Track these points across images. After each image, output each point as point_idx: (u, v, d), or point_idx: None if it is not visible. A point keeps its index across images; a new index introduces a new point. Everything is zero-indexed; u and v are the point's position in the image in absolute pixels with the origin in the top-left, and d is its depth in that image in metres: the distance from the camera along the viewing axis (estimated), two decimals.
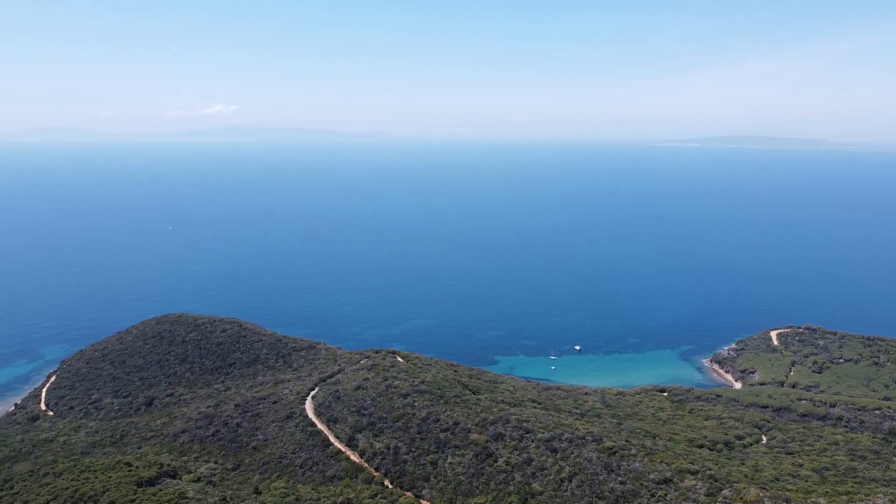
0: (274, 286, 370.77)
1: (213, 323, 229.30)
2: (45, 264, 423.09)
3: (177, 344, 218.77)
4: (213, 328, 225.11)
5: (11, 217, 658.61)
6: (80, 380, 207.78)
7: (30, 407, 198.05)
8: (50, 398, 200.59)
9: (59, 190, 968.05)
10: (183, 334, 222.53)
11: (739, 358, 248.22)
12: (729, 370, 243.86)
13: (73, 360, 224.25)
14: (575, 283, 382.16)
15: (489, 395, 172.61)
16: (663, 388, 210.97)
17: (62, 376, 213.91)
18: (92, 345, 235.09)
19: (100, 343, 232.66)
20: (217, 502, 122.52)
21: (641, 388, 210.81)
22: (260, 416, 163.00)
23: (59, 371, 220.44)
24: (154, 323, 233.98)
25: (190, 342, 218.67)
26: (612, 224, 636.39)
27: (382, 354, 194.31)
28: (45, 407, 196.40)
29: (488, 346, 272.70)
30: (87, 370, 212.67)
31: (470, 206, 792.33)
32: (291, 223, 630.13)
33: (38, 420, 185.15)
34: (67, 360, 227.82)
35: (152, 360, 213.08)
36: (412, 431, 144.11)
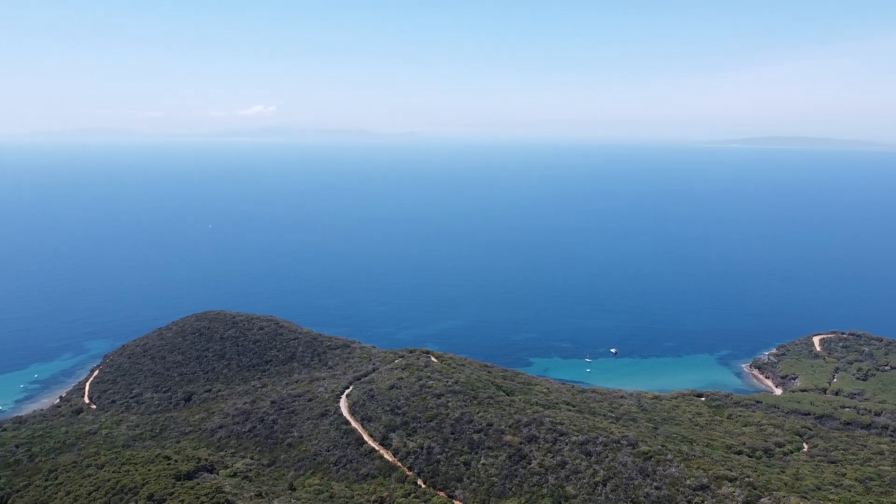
0: (310, 285, 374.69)
1: (251, 320, 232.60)
2: (91, 262, 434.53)
3: (215, 341, 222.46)
4: (251, 326, 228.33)
5: (62, 215, 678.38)
6: (121, 374, 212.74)
7: (74, 400, 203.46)
8: (93, 392, 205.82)
9: (108, 189, 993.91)
10: (221, 331, 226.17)
11: (780, 363, 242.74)
12: (769, 376, 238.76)
13: (116, 355, 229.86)
14: (611, 286, 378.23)
15: (523, 396, 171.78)
16: (701, 392, 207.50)
17: (105, 371, 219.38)
18: (134, 340, 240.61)
19: (141, 339, 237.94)
20: (253, 497, 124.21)
21: (678, 393, 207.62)
22: (295, 413, 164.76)
23: (102, 365, 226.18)
24: (193, 320, 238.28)
25: (228, 339, 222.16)
26: (649, 226, 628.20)
27: (416, 354, 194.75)
28: (88, 400, 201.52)
29: (522, 347, 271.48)
30: (128, 365, 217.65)
31: (505, 206, 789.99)
32: (328, 223, 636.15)
33: (82, 413, 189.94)
34: (110, 355, 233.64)
35: (191, 356, 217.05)
36: (445, 431, 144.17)
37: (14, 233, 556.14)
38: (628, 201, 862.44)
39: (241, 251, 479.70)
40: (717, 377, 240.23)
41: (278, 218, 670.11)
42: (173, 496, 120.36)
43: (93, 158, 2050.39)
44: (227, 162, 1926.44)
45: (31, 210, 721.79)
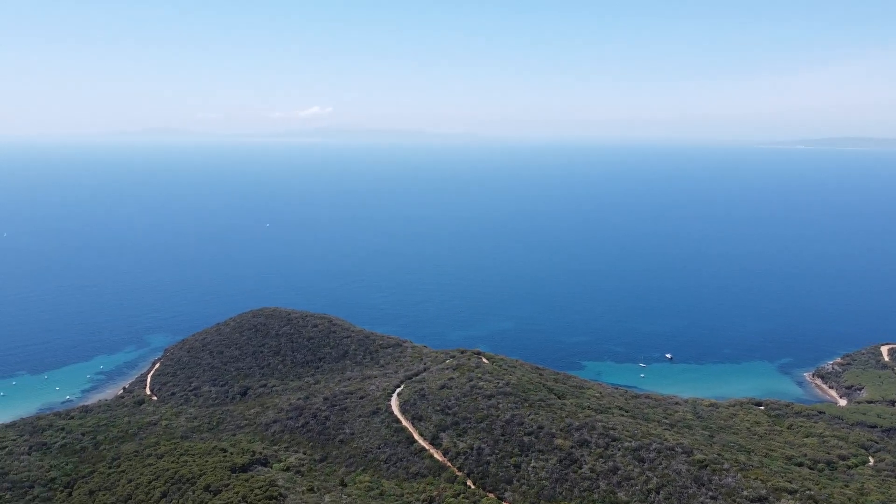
0: (364, 284, 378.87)
1: (305, 318, 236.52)
2: (155, 258, 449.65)
3: (271, 337, 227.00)
4: (305, 323, 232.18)
5: (129, 213, 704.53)
6: (181, 368, 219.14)
7: (136, 391, 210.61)
8: (154, 384, 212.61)
9: (172, 189, 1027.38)
10: (277, 328, 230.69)
11: (845, 373, 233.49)
12: (833, 386, 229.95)
13: (176, 349, 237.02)
14: (668, 289, 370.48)
15: (575, 400, 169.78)
16: (760, 401, 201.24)
17: (166, 364, 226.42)
18: (193, 335, 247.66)
19: (200, 333, 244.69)
20: (305, 492, 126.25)
21: (736, 401, 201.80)
22: (347, 410, 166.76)
23: (163, 359, 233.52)
24: (250, 316, 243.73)
25: (283, 336, 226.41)
26: (708, 228, 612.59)
27: (468, 355, 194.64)
28: (149, 392, 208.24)
29: (575, 350, 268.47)
30: (188, 359, 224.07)
31: (560, 207, 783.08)
32: (382, 222, 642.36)
33: (144, 404, 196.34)
34: (171, 349, 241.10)
35: (248, 351, 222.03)
36: (496, 433, 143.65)
37: (83, 228, 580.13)
38: (687, 203, 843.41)
39: (297, 249, 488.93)
40: (778, 386, 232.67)
41: (334, 217, 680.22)
42: (228, 488, 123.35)
43: (158, 158, 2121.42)
44: (285, 162, 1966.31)
45: (100, 208, 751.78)
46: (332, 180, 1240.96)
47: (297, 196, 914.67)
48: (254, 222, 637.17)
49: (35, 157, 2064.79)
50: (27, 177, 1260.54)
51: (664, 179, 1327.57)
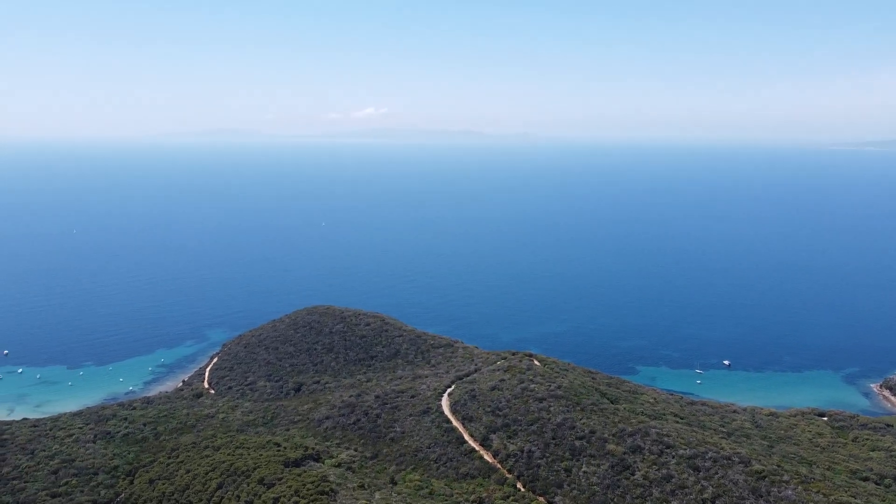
0: (417, 284, 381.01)
1: (358, 316, 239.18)
2: (215, 256, 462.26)
3: (324, 334, 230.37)
4: (358, 321, 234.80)
5: (190, 212, 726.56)
6: (238, 362, 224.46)
7: (195, 384, 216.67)
8: (212, 377, 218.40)
9: (232, 189, 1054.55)
10: (330, 325, 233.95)
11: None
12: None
13: (233, 344, 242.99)
14: (726, 294, 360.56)
15: (628, 405, 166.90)
16: (823, 412, 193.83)
17: (223, 358, 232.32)
18: (250, 330, 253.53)
19: (256, 329, 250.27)
20: (355, 488, 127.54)
21: (797, 411, 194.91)
22: (398, 408, 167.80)
23: (221, 353, 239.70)
24: (305, 313, 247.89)
25: (336, 333, 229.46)
26: (770, 232, 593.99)
27: (519, 356, 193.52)
28: (207, 385, 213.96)
29: (629, 354, 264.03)
30: (244, 354, 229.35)
31: (619, 210, 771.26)
32: (437, 223, 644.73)
33: (202, 397, 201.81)
34: (228, 344, 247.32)
35: (302, 348, 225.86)
36: (546, 436, 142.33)
37: (150, 226, 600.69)
38: (750, 206, 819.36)
39: (351, 249, 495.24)
40: (842, 396, 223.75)
41: (389, 217, 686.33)
42: (282, 481, 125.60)
43: (220, 159, 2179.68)
44: (340, 162, 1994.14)
45: (165, 206, 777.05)
46: (387, 181, 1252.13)
47: (352, 196, 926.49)
48: (310, 222, 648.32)
49: (104, 158, 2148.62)
50: (98, 176, 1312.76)
51: (722, 181, 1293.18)
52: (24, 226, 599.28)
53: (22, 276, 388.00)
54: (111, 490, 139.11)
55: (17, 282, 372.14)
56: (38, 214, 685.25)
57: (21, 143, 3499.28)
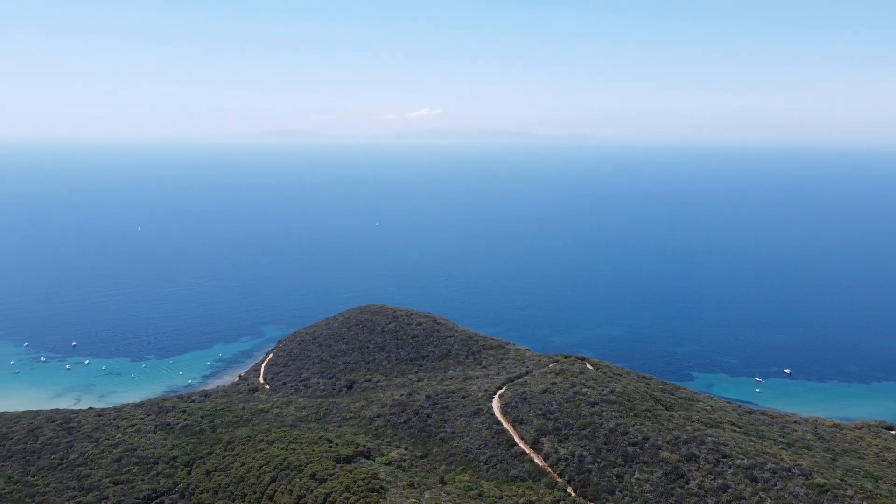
0: (469, 284, 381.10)
1: (410, 316, 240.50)
2: (272, 255, 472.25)
3: (377, 333, 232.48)
4: (410, 321, 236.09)
5: (248, 212, 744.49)
6: (292, 359, 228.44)
7: (251, 379, 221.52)
8: (267, 373, 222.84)
9: (292, 188, 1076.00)
10: (382, 324, 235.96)
11: None
12: None
13: (288, 341, 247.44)
14: (788, 299, 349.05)
15: (683, 412, 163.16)
16: (891, 425, 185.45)
17: (278, 354, 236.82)
18: (304, 328, 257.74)
19: (311, 327, 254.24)
20: (405, 487, 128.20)
21: (863, 423, 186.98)
22: (449, 409, 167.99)
23: (276, 349, 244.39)
24: (357, 312, 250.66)
25: (388, 332, 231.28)
26: (841, 238, 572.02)
27: (571, 360, 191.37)
28: (262, 380, 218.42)
29: (684, 360, 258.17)
30: (298, 350, 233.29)
31: (673, 212, 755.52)
32: (490, 223, 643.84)
33: (257, 392, 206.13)
34: (283, 340, 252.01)
35: (354, 346, 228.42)
36: (598, 441, 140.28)
37: (211, 226, 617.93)
38: (820, 210, 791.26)
39: (404, 249, 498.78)
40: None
41: (443, 218, 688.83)
42: (333, 477, 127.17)
43: (277, 159, 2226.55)
44: (394, 162, 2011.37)
45: (223, 206, 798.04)
46: (441, 181, 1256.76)
47: (406, 196, 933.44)
48: (364, 221, 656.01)
49: (168, 158, 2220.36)
50: (160, 175, 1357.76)
51: (797, 183, 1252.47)
52: (91, 223, 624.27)
53: (89, 271, 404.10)
54: (170, 479, 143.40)
55: (86, 277, 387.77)
56: (106, 212, 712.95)
57: (89, 144, 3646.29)
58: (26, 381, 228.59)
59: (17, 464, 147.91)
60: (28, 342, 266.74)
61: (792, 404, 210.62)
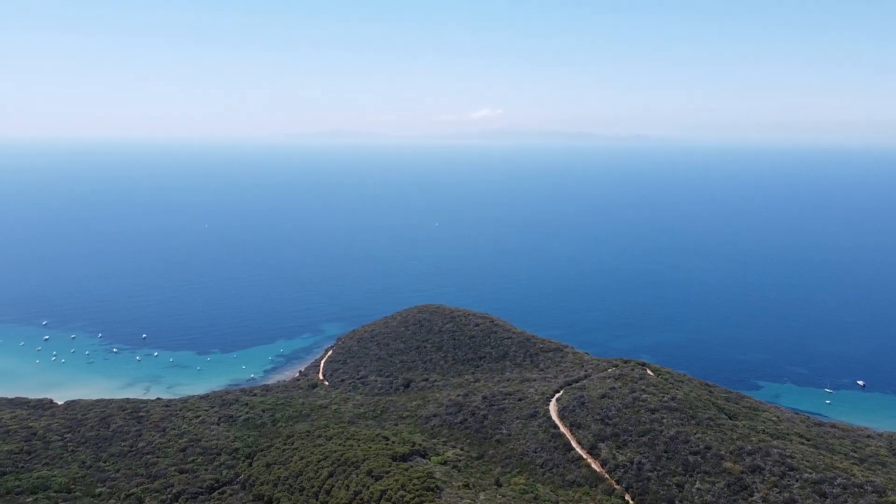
0: (527, 286, 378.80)
1: (468, 316, 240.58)
2: (335, 253, 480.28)
3: (434, 333, 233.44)
4: (468, 321, 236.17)
5: (309, 211, 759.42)
6: (351, 356, 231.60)
7: (311, 375, 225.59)
8: (326, 370, 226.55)
9: (348, 188, 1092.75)
10: (440, 324, 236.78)
11: None
12: None
13: (347, 339, 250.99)
14: (862, 308, 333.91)
15: (748, 422, 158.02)
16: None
17: (337, 351, 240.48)
18: (363, 326, 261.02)
19: (369, 325, 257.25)
20: (460, 487, 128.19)
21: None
22: (505, 410, 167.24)
23: (335, 347, 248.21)
24: (416, 311, 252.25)
25: (446, 332, 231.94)
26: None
27: (631, 365, 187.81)
28: (322, 377, 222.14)
29: (750, 368, 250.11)
30: (357, 348, 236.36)
31: (742, 216, 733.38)
32: (551, 226, 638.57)
33: (316, 387, 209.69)
34: (342, 338, 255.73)
35: (412, 345, 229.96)
36: (658, 449, 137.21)
37: (274, 224, 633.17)
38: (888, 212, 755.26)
39: (463, 249, 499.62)
40: None
41: (502, 218, 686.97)
42: (389, 475, 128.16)
43: (336, 159, 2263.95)
44: (453, 163, 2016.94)
45: (285, 205, 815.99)
46: (501, 181, 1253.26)
47: (465, 197, 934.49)
48: (424, 221, 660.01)
49: (229, 158, 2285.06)
50: (222, 175, 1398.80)
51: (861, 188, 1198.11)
52: (161, 221, 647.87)
53: (159, 268, 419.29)
54: (232, 470, 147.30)
55: (155, 273, 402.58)
56: (175, 211, 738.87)
57: (151, 145, 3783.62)
58: (100, 371, 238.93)
59: (91, 450, 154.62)
60: (102, 334, 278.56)
61: (865, 418, 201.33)
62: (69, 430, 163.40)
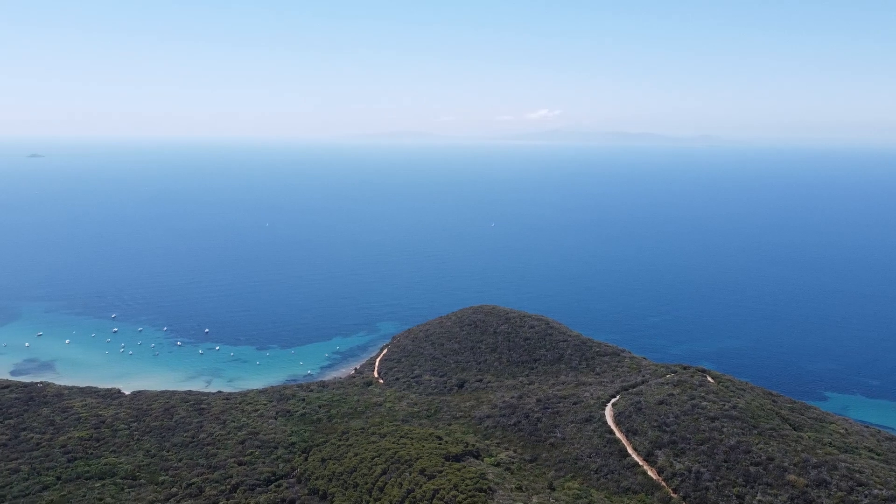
0: (585, 288, 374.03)
1: (523, 318, 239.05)
2: (390, 252, 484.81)
3: (489, 334, 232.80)
4: (523, 323, 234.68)
5: (366, 210, 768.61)
6: (405, 355, 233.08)
7: (366, 373, 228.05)
8: (381, 368, 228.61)
9: (410, 188, 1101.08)
10: (495, 325, 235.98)
11: None
12: None
13: (402, 337, 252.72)
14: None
15: (813, 434, 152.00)
16: None
17: (392, 350, 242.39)
18: (418, 325, 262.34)
19: (424, 325, 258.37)
20: (513, 489, 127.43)
21: None
22: (559, 414, 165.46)
23: (390, 345, 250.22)
24: (471, 312, 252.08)
25: (500, 334, 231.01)
26: None
27: (691, 371, 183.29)
28: (377, 375, 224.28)
29: (817, 378, 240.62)
30: (412, 347, 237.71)
31: (815, 219, 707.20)
32: (609, 226, 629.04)
33: (371, 385, 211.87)
34: (397, 337, 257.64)
35: (466, 345, 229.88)
36: (718, 458, 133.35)
37: (333, 223, 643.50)
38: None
39: (520, 250, 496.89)
40: None
41: (560, 220, 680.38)
42: (442, 474, 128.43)
43: (401, 159, 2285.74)
44: (512, 163, 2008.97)
45: (345, 204, 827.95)
46: (560, 182, 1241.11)
47: (523, 198, 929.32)
48: (481, 221, 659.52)
49: (292, 158, 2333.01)
50: (284, 174, 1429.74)
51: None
52: (223, 219, 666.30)
53: (221, 264, 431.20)
54: (288, 464, 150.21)
55: (218, 269, 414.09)
56: (235, 209, 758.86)
57: (214, 144, 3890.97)
58: (164, 363, 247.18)
59: (155, 439, 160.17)
60: (167, 327, 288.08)
61: None
62: (135, 419, 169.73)
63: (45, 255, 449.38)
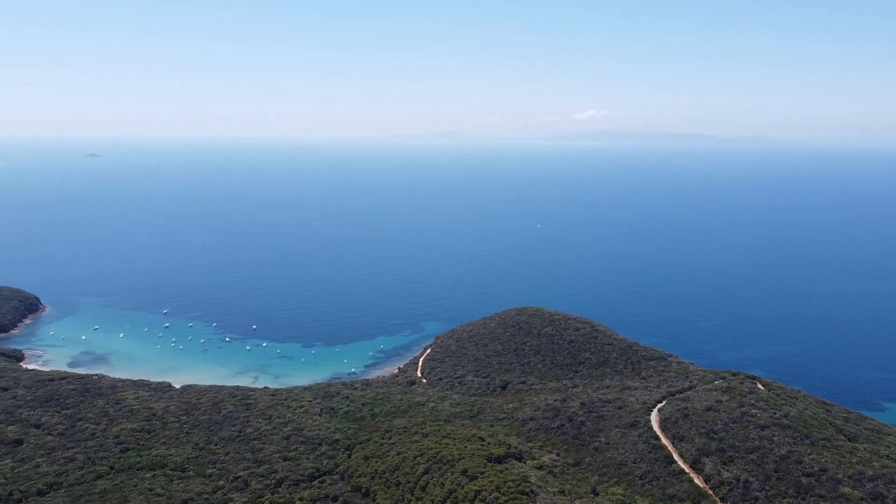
0: (630, 291, 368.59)
1: (567, 320, 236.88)
2: (434, 252, 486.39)
3: (533, 336, 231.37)
4: (567, 325, 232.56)
5: (417, 211, 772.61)
6: (449, 355, 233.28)
7: (409, 372, 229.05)
8: (425, 367, 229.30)
9: (454, 186, 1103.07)
10: (539, 327, 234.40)
11: None
12: None
13: (445, 338, 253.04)
14: None
15: (869, 445, 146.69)
16: None
17: (436, 350, 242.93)
18: (461, 325, 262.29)
19: (468, 325, 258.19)
20: (556, 493, 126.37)
21: None
22: (604, 418, 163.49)
23: (434, 345, 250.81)
24: (514, 313, 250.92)
25: (544, 336, 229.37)
26: None
27: (740, 378, 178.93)
28: (420, 374, 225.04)
29: (874, 388, 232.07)
30: (455, 347, 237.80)
31: (865, 224, 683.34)
32: (658, 228, 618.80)
33: (414, 385, 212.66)
34: (441, 337, 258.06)
35: (510, 347, 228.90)
36: (768, 468, 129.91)
37: (378, 223, 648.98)
38: None
39: (565, 252, 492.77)
40: None
41: (605, 220, 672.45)
42: (484, 475, 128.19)
43: (445, 159, 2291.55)
44: (559, 164, 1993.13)
45: (391, 205, 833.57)
46: (607, 183, 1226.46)
47: (569, 199, 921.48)
48: (526, 223, 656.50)
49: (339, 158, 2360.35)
50: (331, 173, 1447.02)
51: None
52: (272, 218, 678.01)
53: (269, 263, 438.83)
54: (332, 461, 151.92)
55: (266, 268, 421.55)
56: (284, 208, 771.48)
57: (261, 145, 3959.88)
58: (213, 359, 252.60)
59: (203, 433, 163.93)
60: (217, 324, 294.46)
61: None
62: (185, 412, 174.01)
63: (103, 251, 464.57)
